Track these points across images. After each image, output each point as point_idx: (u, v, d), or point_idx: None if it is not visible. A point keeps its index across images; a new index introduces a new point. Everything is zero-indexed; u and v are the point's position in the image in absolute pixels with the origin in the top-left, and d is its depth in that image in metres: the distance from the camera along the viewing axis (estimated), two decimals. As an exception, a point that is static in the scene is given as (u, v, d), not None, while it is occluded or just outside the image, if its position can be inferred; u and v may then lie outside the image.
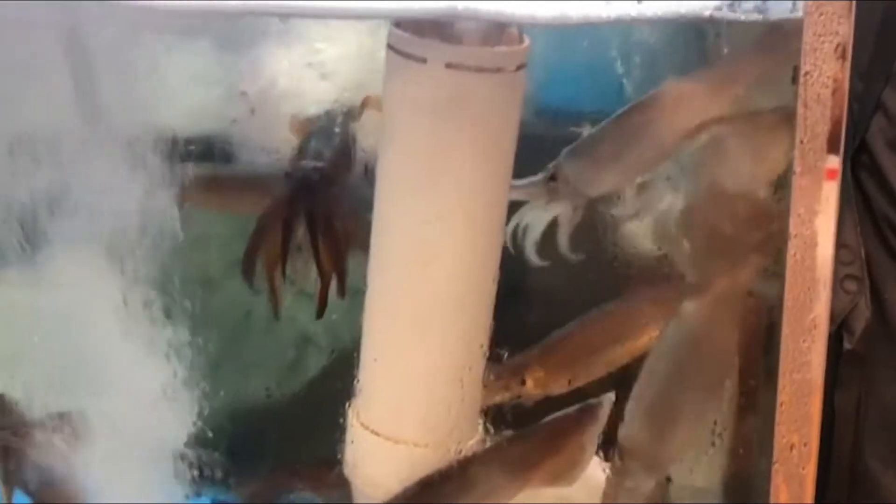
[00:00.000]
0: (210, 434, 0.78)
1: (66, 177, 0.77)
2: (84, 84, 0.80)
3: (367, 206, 0.77)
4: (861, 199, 0.89)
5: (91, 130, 0.79)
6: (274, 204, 0.83)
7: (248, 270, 0.82)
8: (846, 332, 0.88)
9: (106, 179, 0.77)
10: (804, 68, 0.65)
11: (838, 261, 0.85)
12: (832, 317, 0.84)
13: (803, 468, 0.69)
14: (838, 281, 0.86)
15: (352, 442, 0.78)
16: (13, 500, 0.84)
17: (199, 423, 0.77)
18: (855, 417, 0.88)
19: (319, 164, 0.84)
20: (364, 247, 0.77)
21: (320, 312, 0.81)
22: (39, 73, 0.77)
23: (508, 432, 0.79)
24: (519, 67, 0.75)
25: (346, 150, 0.87)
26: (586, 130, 0.87)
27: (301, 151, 0.86)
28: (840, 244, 0.86)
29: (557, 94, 0.91)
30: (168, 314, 0.75)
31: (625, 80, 0.87)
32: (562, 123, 0.88)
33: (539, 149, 0.86)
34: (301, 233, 0.81)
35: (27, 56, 0.75)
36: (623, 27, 0.82)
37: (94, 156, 0.78)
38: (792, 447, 0.69)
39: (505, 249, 0.79)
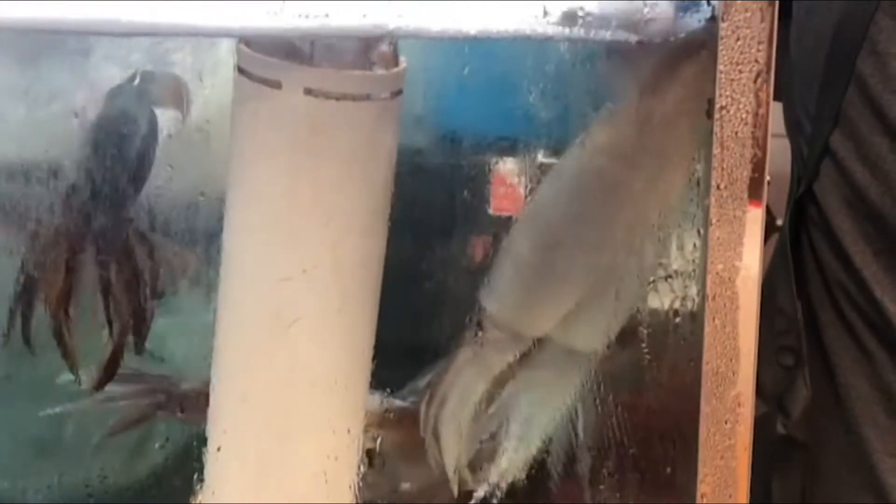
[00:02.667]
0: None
1: None
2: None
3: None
4: (815, 266, 0.94)
5: None
6: (54, 231, 0.77)
7: (25, 325, 0.77)
8: (780, 415, 0.92)
9: None
10: (720, 102, 0.66)
11: (772, 330, 0.93)
12: (765, 396, 0.91)
13: None
14: (772, 353, 0.92)
15: None
16: None
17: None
18: None
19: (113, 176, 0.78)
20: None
21: (103, 381, 0.77)
22: None
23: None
24: (394, 94, 0.74)
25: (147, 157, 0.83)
26: (491, 158, 0.89)
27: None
28: (775, 310, 0.94)
29: (460, 118, 0.93)
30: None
31: (533, 102, 0.89)
32: (466, 151, 0.92)
33: (441, 179, 0.90)
34: (90, 269, 0.76)
35: None
36: (532, 46, 0.84)
37: None
38: None
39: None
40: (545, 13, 0.65)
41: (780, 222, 1.03)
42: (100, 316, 0.76)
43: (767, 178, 1.15)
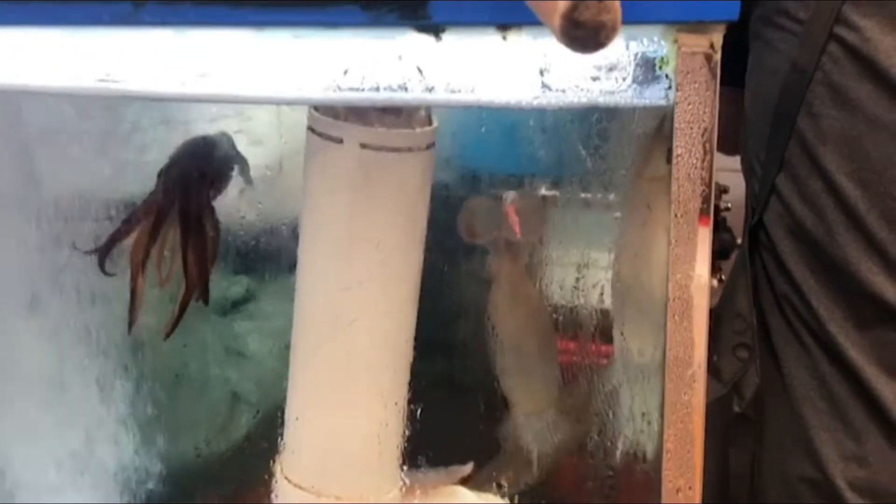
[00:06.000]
0: (144, 490, 0.94)
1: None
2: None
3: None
4: (765, 280, 1.07)
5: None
6: (148, 198, 0.94)
7: (103, 256, 0.93)
8: (736, 396, 1.05)
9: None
10: (676, 151, 0.83)
11: (731, 329, 1.07)
12: (725, 381, 1.06)
13: None
14: (731, 348, 1.06)
15: (277, 496, 0.94)
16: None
17: (136, 479, 0.93)
18: (750, 476, 1.06)
19: (199, 168, 0.96)
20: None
21: (174, 324, 0.93)
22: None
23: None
24: (428, 146, 0.92)
25: (226, 166, 1.01)
26: (503, 191, 1.07)
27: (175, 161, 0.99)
28: (734, 314, 1.08)
29: (478, 160, 1.10)
30: (104, 375, 0.91)
31: (538, 147, 1.06)
32: (483, 186, 1.09)
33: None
34: (172, 234, 0.92)
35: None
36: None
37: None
38: (678, 490, 0.86)
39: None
40: (542, 87, 0.84)
41: (740, 241, 1.17)
42: (173, 273, 0.93)
43: (729, 204, 1.31)
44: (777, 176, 1.05)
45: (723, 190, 1.36)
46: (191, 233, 0.94)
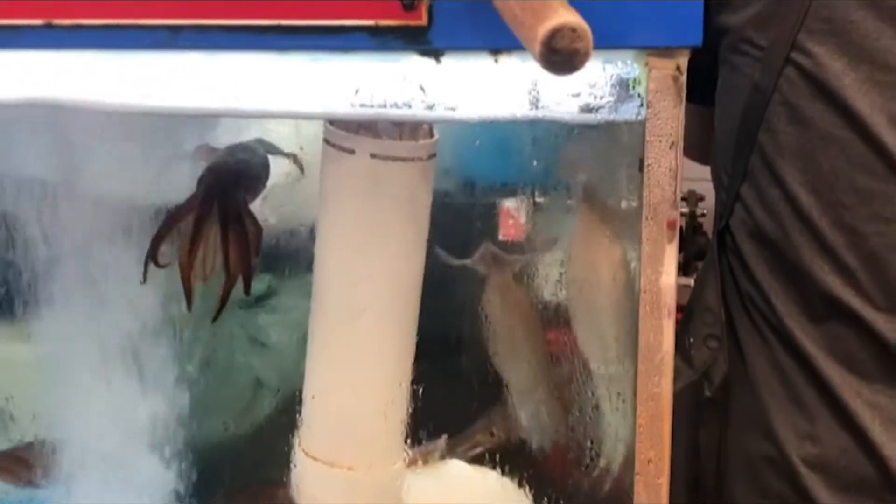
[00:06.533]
0: (180, 462, 1.05)
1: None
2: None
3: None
4: (731, 279, 1.14)
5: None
6: (190, 197, 1.04)
7: (152, 254, 1.03)
8: (707, 382, 1.13)
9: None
10: (647, 161, 0.92)
11: (702, 322, 1.14)
12: (696, 369, 1.14)
13: (658, 478, 0.96)
14: (702, 339, 1.13)
15: (295, 466, 1.04)
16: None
17: (171, 453, 1.04)
18: (717, 454, 1.14)
19: (237, 170, 1.05)
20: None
21: (219, 312, 1.03)
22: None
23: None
24: (430, 156, 1.01)
25: (262, 169, 1.10)
26: (498, 198, 1.16)
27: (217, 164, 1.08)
28: (705, 308, 1.15)
29: (478, 169, 1.18)
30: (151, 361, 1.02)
31: (532, 157, 1.13)
32: (482, 193, 1.17)
33: (462, 213, 1.17)
34: (213, 232, 1.01)
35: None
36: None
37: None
38: (649, 461, 0.96)
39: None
40: (530, 104, 0.94)
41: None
42: (216, 269, 1.02)
43: (705, 211, 1.40)
44: (741, 186, 1.12)
45: (699, 199, 1.45)
46: (231, 231, 1.03)
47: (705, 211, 1.41)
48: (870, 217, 1.06)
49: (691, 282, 1.24)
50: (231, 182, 1.05)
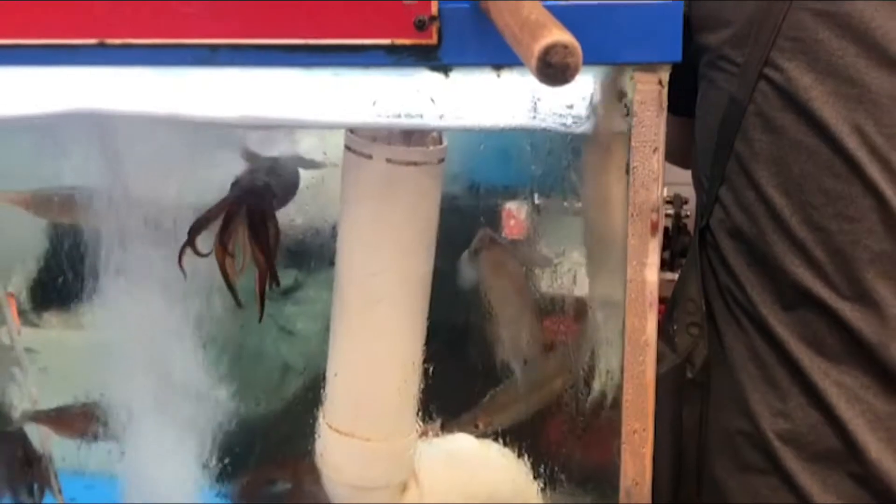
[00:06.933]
0: (217, 435, 1.16)
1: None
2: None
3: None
4: (711, 272, 1.22)
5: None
6: (223, 198, 1.13)
7: (190, 241, 1.11)
8: (689, 365, 1.22)
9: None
10: (633, 164, 1.00)
11: (685, 311, 1.23)
12: (679, 353, 1.22)
13: (643, 448, 1.04)
14: (685, 326, 1.22)
15: (319, 437, 1.13)
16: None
17: (209, 428, 1.15)
18: (698, 431, 1.22)
19: (266, 179, 1.14)
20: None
21: (261, 307, 1.12)
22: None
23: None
24: (440, 161, 1.08)
25: (291, 181, 1.19)
26: (502, 200, 1.24)
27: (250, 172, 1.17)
28: (687, 298, 1.24)
29: (482, 173, 1.25)
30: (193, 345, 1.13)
31: (532, 163, 1.21)
32: (485, 196, 1.24)
33: (469, 213, 1.25)
34: (241, 230, 1.10)
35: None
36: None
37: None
38: (635, 432, 1.04)
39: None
40: (529, 114, 1.04)
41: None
42: (246, 264, 1.12)
43: (689, 212, 1.47)
44: (720, 188, 1.20)
45: (684, 201, 1.53)
46: (256, 230, 1.12)
47: (689, 213, 1.49)
48: (835, 216, 1.14)
49: (676, 277, 1.32)
50: (261, 187, 1.14)
